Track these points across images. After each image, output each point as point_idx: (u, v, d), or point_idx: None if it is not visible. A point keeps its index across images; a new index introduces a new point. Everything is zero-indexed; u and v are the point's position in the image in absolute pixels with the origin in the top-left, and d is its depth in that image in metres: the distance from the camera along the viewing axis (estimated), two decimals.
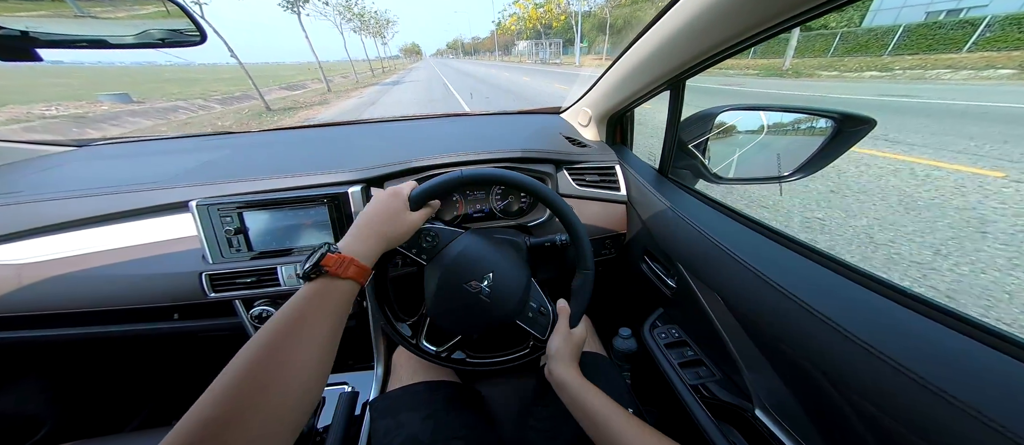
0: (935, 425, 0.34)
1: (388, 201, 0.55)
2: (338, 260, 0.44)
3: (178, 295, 0.80)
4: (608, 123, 1.07)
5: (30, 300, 0.76)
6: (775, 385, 0.53)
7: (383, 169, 0.85)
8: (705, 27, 0.56)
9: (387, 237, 0.52)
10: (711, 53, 0.60)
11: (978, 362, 0.35)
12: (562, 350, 0.59)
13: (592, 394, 0.53)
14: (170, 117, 12.05)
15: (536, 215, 0.96)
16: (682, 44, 0.62)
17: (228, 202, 0.77)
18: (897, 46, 20.98)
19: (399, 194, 0.56)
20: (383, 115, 1.57)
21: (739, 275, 0.58)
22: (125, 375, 1.21)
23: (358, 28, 63.82)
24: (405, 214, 0.55)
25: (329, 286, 0.43)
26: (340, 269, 0.43)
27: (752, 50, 3.17)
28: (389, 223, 0.52)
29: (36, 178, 0.91)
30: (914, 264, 2.10)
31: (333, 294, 0.43)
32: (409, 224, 0.55)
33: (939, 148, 4.06)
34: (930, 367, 0.36)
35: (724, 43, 0.56)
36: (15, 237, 0.75)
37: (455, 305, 0.60)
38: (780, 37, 0.64)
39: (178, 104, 13.85)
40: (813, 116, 0.78)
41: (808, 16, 0.44)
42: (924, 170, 3.43)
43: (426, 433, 0.61)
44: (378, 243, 0.50)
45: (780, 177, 0.79)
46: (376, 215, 0.52)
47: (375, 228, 0.51)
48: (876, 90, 9.70)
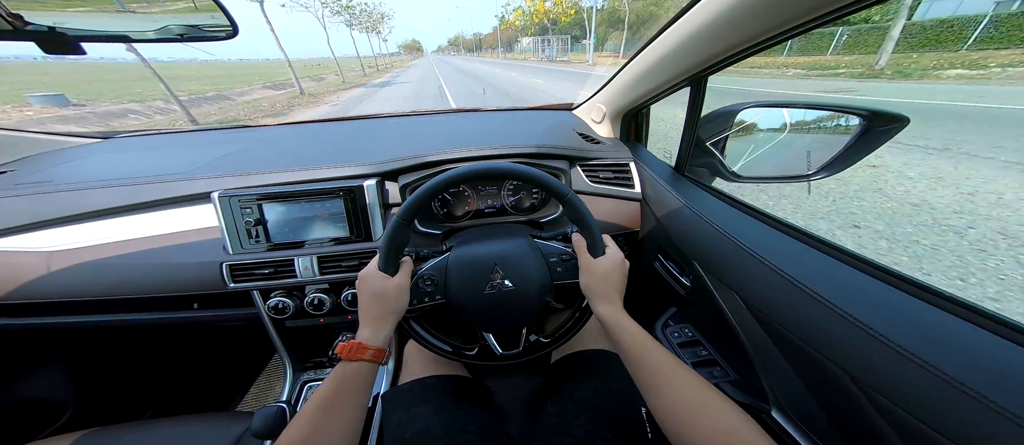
0: (966, 428, 0.33)
1: (367, 287, 0.55)
2: (348, 346, 0.50)
3: (198, 285, 0.82)
4: (623, 120, 1.06)
5: (58, 286, 0.79)
6: (794, 385, 0.52)
7: (397, 163, 0.86)
8: (734, 23, 0.54)
9: (387, 313, 0.55)
10: (739, 49, 0.58)
11: (1013, 363, 0.34)
12: (590, 286, 0.58)
13: (625, 334, 0.51)
14: (112, 124, 10.16)
15: (548, 211, 0.95)
16: (708, 40, 0.60)
17: (248, 194, 0.79)
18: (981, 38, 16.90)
19: (368, 277, 0.56)
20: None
21: (759, 274, 0.56)
22: (143, 364, 1.24)
23: (348, 21, 56.66)
24: (387, 284, 0.55)
25: (348, 368, 0.49)
26: (351, 354, 0.49)
27: (787, 46, 2.78)
28: (380, 302, 0.54)
29: (64, 168, 0.95)
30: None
31: (355, 376, 0.49)
32: (398, 289, 0.56)
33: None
34: (965, 370, 0.35)
35: (753, 39, 0.54)
36: (45, 225, 0.78)
37: (497, 312, 0.60)
38: (820, 31, 0.60)
39: (131, 107, 11.89)
40: (839, 113, 0.75)
41: (844, 12, 0.43)
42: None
43: (438, 426, 0.61)
44: (382, 324, 0.54)
45: (803, 175, 0.77)
46: (366, 304, 0.55)
47: (373, 313, 0.54)
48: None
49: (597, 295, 0.57)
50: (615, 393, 0.66)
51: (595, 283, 0.57)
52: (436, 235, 0.88)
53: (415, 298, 0.59)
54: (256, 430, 0.63)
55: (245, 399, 1.35)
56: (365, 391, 0.49)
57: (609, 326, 0.53)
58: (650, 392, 0.46)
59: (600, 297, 0.56)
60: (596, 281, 0.57)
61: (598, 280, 0.57)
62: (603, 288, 0.57)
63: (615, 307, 0.55)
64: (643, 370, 0.47)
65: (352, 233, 0.83)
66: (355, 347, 0.50)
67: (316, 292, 0.88)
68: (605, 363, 0.74)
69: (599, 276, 0.57)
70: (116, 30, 0.67)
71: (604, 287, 0.57)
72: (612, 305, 0.55)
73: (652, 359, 0.47)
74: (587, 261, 0.59)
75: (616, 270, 0.58)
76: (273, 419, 0.64)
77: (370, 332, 0.52)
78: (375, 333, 0.52)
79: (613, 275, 0.58)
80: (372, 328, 0.53)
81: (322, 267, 0.83)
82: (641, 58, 0.81)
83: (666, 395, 0.44)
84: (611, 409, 0.63)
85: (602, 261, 0.58)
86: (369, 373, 0.50)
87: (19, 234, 0.78)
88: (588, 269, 0.58)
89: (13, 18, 0.62)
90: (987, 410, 0.32)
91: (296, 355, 1.07)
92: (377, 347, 0.51)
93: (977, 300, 0.40)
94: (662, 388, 0.45)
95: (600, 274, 0.57)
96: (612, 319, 0.53)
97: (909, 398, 0.37)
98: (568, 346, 0.76)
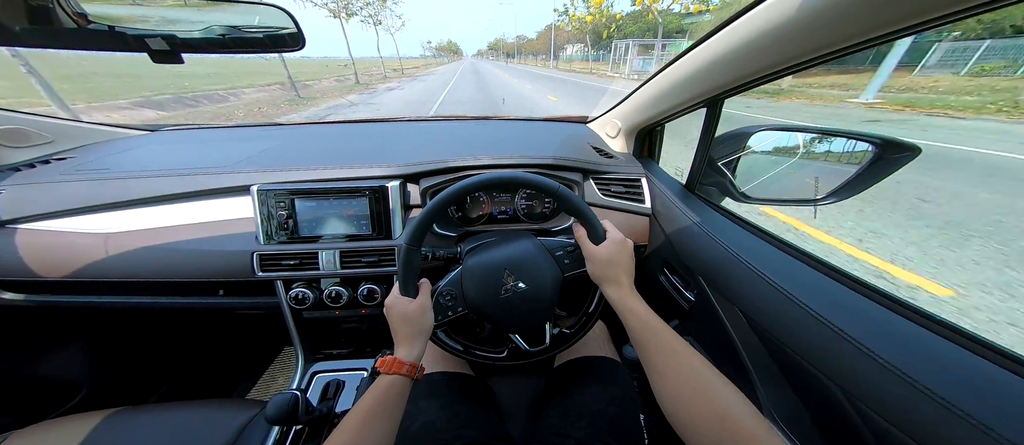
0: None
1: (394, 313, 0.59)
2: (387, 362, 0.55)
3: (227, 272, 0.88)
4: (637, 136, 1.08)
5: (113, 267, 0.85)
6: (790, 401, 0.54)
7: (420, 166, 0.91)
8: (757, 50, 0.56)
9: (417, 333, 0.58)
10: (761, 74, 0.60)
11: (1007, 390, 0.35)
12: (597, 272, 0.59)
13: (632, 316, 0.53)
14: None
15: (560, 221, 0.98)
16: (729, 65, 0.62)
17: (284, 188, 0.85)
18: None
19: (393, 304, 0.60)
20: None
21: (762, 291, 0.58)
22: (154, 349, 1.29)
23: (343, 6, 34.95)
24: (411, 307, 0.59)
25: (386, 382, 0.53)
26: (390, 368, 0.54)
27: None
28: (408, 324, 0.58)
29: (120, 157, 1.04)
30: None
31: (392, 388, 0.52)
32: (420, 309, 0.59)
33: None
34: (960, 393, 0.36)
35: (777, 66, 0.56)
36: (102, 208, 0.86)
37: (516, 313, 0.63)
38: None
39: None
40: (852, 140, 0.76)
41: (874, 42, 0.44)
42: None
43: (442, 421, 0.64)
44: (413, 342, 0.58)
45: (811, 200, 0.78)
46: (397, 327, 0.59)
47: (404, 334, 0.58)
48: None
49: (605, 280, 0.58)
50: (616, 399, 0.68)
51: (601, 269, 0.59)
52: (451, 237, 0.92)
53: (439, 313, 0.63)
54: (270, 416, 0.65)
55: (251, 388, 1.39)
56: (400, 404, 0.53)
57: (618, 309, 0.55)
58: (654, 373, 0.47)
59: (608, 281, 0.58)
60: (601, 267, 0.58)
61: (603, 265, 0.58)
62: (610, 272, 0.58)
63: (624, 290, 0.56)
64: (649, 351, 0.48)
65: (373, 230, 0.88)
66: (393, 363, 0.54)
67: (334, 285, 0.93)
68: (608, 370, 0.76)
69: (604, 261, 0.58)
70: (183, 33, 0.68)
71: (611, 271, 0.58)
72: (621, 288, 0.56)
73: (658, 341, 0.48)
74: (590, 250, 0.60)
75: (620, 253, 0.59)
76: (287, 406, 0.66)
77: (405, 350, 0.57)
78: (409, 351, 0.57)
79: (618, 258, 0.58)
80: (406, 347, 0.57)
81: (343, 261, 0.88)
82: (661, 78, 0.84)
83: (668, 377, 0.45)
84: (611, 415, 0.65)
85: (605, 247, 0.59)
86: (404, 387, 0.54)
87: (78, 215, 0.85)
88: (592, 257, 0.60)
89: (78, 17, 0.64)
90: (979, 433, 0.33)
91: (308, 345, 1.12)
92: (412, 363, 0.55)
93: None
94: (665, 369, 0.46)
95: (604, 259, 0.59)
96: (621, 302, 0.55)
97: (902, 418, 0.38)
98: (572, 351, 0.78)
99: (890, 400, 0.40)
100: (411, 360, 0.56)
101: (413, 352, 0.57)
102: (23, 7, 0.63)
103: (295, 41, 0.69)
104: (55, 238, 0.84)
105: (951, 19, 0.36)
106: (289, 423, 0.67)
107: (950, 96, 11.47)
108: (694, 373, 0.44)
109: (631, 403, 0.69)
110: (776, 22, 0.50)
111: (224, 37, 0.70)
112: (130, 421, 0.73)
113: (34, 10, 0.64)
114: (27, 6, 0.63)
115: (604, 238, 0.60)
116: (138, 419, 0.74)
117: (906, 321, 0.44)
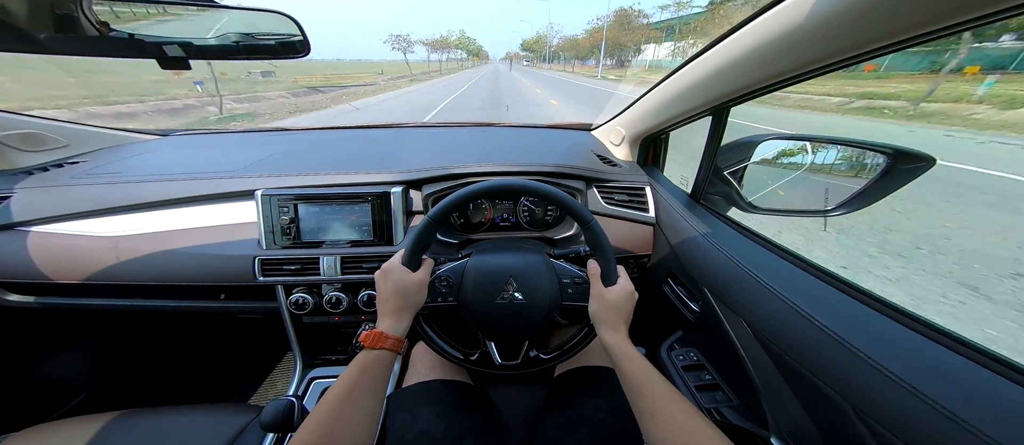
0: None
1: (389, 280, 0.58)
2: (371, 335, 0.53)
3: (229, 276, 0.88)
4: (641, 144, 1.08)
5: (121, 271, 0.86)
6: (795, 413, 0.52)
7: (423, 173, 0.91)
8: (763, 59, 0.55)
9: (407, 307, 0.58)
10: (767, 83, 0.59)
11: (1014, 402, 0.35)
12: (599, 314, 0.59)
13: (628, 360, 0.53)
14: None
15: (562, 230, 0.97)
16: (735, 73, 0.62)
17: (287, 194, 0.85)
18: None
19: (391, 269, 0.59)
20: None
21: (768, 303, 0.57)
22: (154, 352, 1.29)
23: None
24: (409, 278, 0.58)
25: (370, 356, 0.52)
26: (374, 342, 0.52)
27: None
28: (401, 295, 0.57)
29: (132, 161, 1.06)
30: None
31: (376, 363, 0.51)
32: (417, 284, 0.59)
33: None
34: (973, 410, 0.35)
35: (783, 74, 0.55)
36: (112, 212, 0.87)
37: (504, 322, 0.62)
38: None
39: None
40: (864, 150, 0.75)
41: (882, 51, 0.43)
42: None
43: (439, 430, 0.64)
44: (401, 315, 0.57)
45: (820, 211, 0.76)
46: (387, 296, 0.58)
47: (392, 305, 0.57)
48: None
49: (605, 323, 0.58)
50: (616, 411, 0.66)
51: (604, 311, 0.59)
52: (453, 244, 0.92)
53: (429, 297, 0.62)
54: (265, 422, 0.63)
55: (252, 392, 1.39)
56: (384, 379, 0.52)
57: (614, 353, 0.55)
58: (646, 418, 0.48)
59: (608, 325, 0.58)
60: (605, 309, 0.59)
61: (607, 308, 0.59)
62: (611, 317, 0.58)
63: (621, 336, 0.57)
64: (642, 397, 0.50)
65: (375, 237, 0.88)
66: (377, 336, 0.53)
67: (334, 291, 0.92)
68: (609, 381, 0.74)
69: (609, 304, 0.59)
70: (195, 40, 0.71)
71: (613, 316, 0.58)
72: (618, 333, 0.57)
73: (651, 387, 0.50)
74: (599, 289, 0.61)
75: (626, 301, 0.60)
76: (283, 412, 0.64)
77: (390, 322, 0.55)
78: (395, 324, 0.55)
79: (622, 305, 0.59)
80: (392, 319, 0.56)
81: (344, 267, 0.88)
82: (666, 85, 0.83)
83: (661, 422, 0.46)
84: (611, 426, 0.64)
85: (613, 290, 0.60)
86: (388, 361, 0.53)
87: (89, 219, 0.87)
88: (599, 297, 0.60)
89: (101, 25, 0.67)
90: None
91: (307, 351, 1.11)
92: (396, 337, 0.54)
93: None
94: (657, 414, 0.47)
95: (610, 303, 0.59)
96: (618, 347, 0.55)
97: (909, 432, 0.38)
98: (573, 361, 0.77)
99: (902, 416, 0.38)
100: (396, 334, 0.54)
101: (399, 326, 0.55)
102: (50, 16, 0.67)
103: (302, 47, 0.72)
104: (67, 241, 0.85)
105: (949, 31, 0.36)
106: (284, 430, 0.66)
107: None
108: (687, 418, 0.45)
109: (632, 415, 0.67)
110: (782, 30, 0.49)
111: (238, 43, 0.73)
112: (124, 424, 0.73)
113: (60, 19, 0.68)
114: (53, 15, 0.67)
115: (615, 282, 0.61)
116: (133, 423, 0.74)
117: (918, 336, 0.43)
